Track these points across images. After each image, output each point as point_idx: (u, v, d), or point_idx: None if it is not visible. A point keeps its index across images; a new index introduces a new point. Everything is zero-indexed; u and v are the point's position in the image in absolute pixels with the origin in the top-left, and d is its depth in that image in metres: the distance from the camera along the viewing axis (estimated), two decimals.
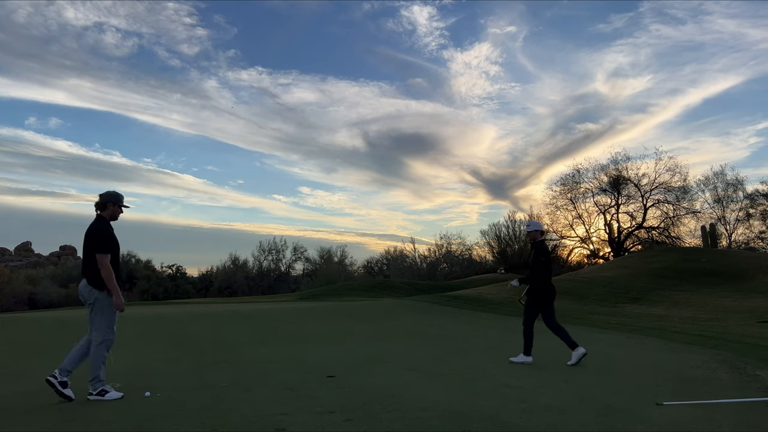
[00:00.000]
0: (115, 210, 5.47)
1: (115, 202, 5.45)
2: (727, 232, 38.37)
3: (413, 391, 5.43)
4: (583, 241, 41.91)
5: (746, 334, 10.01)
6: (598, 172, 40.34)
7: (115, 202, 5.45)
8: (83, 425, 4.26)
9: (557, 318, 7.43)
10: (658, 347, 8.82)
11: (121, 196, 5.53)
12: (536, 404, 4.88)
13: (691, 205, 38.22)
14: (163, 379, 6.00)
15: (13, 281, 33.50)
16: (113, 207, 5.44)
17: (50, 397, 5.15)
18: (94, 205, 5.45)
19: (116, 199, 5.47)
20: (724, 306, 15.30)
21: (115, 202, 5.45)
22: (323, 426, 4.20)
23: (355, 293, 26.43)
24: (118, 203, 5.48)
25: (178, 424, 4.28)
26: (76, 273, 39.72)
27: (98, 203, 5.43)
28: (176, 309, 18.06)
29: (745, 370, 6.65)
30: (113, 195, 5.47)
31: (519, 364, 7.17)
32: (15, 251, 68.85)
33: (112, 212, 5.45)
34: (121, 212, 5.53)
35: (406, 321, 13.09)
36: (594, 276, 22.92)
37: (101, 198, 5.44)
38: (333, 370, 6.68)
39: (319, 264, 44.84)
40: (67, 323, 13.21)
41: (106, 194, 5.46)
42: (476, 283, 27.91)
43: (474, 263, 43.87)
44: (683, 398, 5.08)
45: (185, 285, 41.84)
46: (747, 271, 21.66)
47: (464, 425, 4.20)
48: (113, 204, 5.44)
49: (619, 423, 4.27)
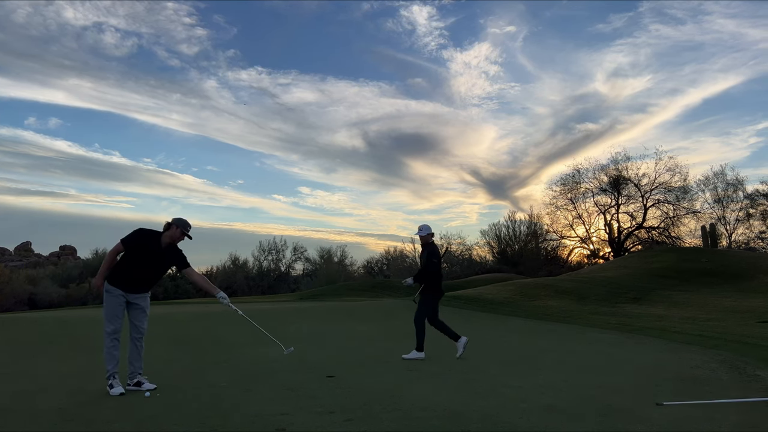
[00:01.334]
0: (175, 232, 5.66)
1: (177, 225, 5.67)
2: (727, 232, 38.40)
3: (413, 391, 5.43)
4: (583, 241, 41.99)
5: (746, 334, 10.01)
6: (598, 172, 40.45)
7: (177, 226, 5.67)
8: (83, 425, 4.26)
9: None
10: (658, 347, 8.82)
11: (187, 222, 5.75)
12: (536, 404, 4.88)
13: (691, 205, 38.31)
14: (163, 379, 5.99)
15: (13, 281, 33.52)
16: (174, 229, 5.65)
17: (50, 397, 5.16)
18: None
19: (179, 223, 5.68)
20: (724, 306, 15.30)
21: (177, 226, 5.67)
22: (323, 426, 4.20)
23: (355, 293, 26.43)
24: (182, 228, 5.67)
25: (178, 424, 4.28)
26: (76, 273, 39.77)
27: (165, 224, 5.73)
28: (176, 309, 18.06)
29: (745, 370, 6.65)
30: (179, 219, 5.73)
31: (417, 359, 7.48)
32: (15, 251, 68.86)
33: (172, 233, 5.66)
34: (182, 238, 5.71)
35: (406, 321, 13.07)
36: (594, 276, 22.93)
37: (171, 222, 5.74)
38: (333, 370, 6.68)
39: (319, 264, 44.86)
40: (67, 323, 13.21)
41: (175, 219, 5.74)
42: (476, 283, 27.91)
43: (474, 263, 43.86)
44: (683, 398, 5.08)
45: (185, 285, 41.74)
46: (747, 271, 21.67)
47: (464, 425, 4.20)
48: (176, 226, 5.66)
49: (619, 423, 4.27)
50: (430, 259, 7.69)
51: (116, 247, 5.51)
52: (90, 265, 40.71)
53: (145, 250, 5.53)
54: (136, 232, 5.58)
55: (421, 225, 7.91)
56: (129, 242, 5.52)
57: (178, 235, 5.65)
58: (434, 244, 7.98)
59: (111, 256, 5.51)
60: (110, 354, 5.40)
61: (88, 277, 36.96)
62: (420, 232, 7.91)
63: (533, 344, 9.11)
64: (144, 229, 5.63)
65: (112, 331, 5.41)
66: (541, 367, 6.98)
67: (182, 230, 5.65)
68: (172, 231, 5.63)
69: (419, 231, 7.93)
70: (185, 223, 5.70)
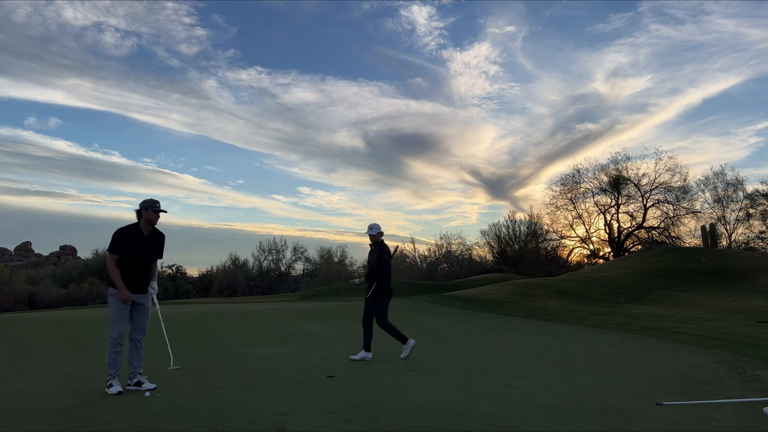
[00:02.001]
0: (149, 215, 5.63)
1: (147, 207, 5.63)
2: (727, 232, 38.37)
3: (413, 391, 5.43)
4: (583, 241, 41.97)
5: (746, 334, 10.01)
6: (598, 172, 40.44)
7: (147, 208, 5.62)
8: (83, 425, 4.26)
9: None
10: (658, 347, 8.81)
11: (154, 201, 5.68)
12: (536, 404, 4.88)
13: (691, 205, 38.29)
14: (163, 379, 6.00)
15: (13, 281, 33.47)
16: (146, 213, 5.62)
17: (50, 397, 5.16)
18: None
19: (147, 205, 5.64)
20: (724, 306, 15.30)
21: (147, 208, 5.62)
22: (323, 426, 4.20)
23: (355, 293, 26.41)
24: (152, 208, 5.63)
25: (178, 424, 4.28)
26: (76, 273, 39.74)
27: (136, 213, 5.69)
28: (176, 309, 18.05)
29: (745, 370, 6.65)
30: (144, 202, 5.67)
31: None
32: (15, 251, 68.88)
33: (147, 217, 5.64)
34: (158, 216, 5.69)
35: (406, 321, 13.08)
36: (594, 276, 22.92)
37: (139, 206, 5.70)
38: (333, 370, 6.68)
39: (319, 264, 44.81)
40: (67, 323, 13.21)
41: (142, 203, 5.68)
42: (476, 283, 27.91)
43: (474, 263, 43.81)
44: (683, 398, 5.08)
45: (185, 285, 41.83)
46: (747, 271, 21.67)
47: (464, 425, 4.20)
48: (146, 210, 5.62)
49: (619, 423, 4.27)
50: (382, 257, 7.67)
51: (111, 259, 5.51)
52: (90, 265, 40.70)
53: (134, 246, 5.56)
54: (116, 235, 5.55)
55: (371, 224, 7.90)
56: (117, 247, 5.52)
57: (152, 215, 5.64)
58: (384, 243, 7.94)
59: (114, 267, 5.51)
60: (113, 360, 5.43)
61: (88, 277, 36.96)
62: (370, 231, 7.90)
63: (533, 344, 9.10)
64: (121, 229, 5.61)
65: (117, 336, 5.46)
66: (541, 367, 6.98)
67: (152, 209, 5.63)
68: (146, 216, 5.63)
69: (369, 230, 7.91)
70: (152, 203, 5.65)
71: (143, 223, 5.64)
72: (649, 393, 5.33)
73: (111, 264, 5.51)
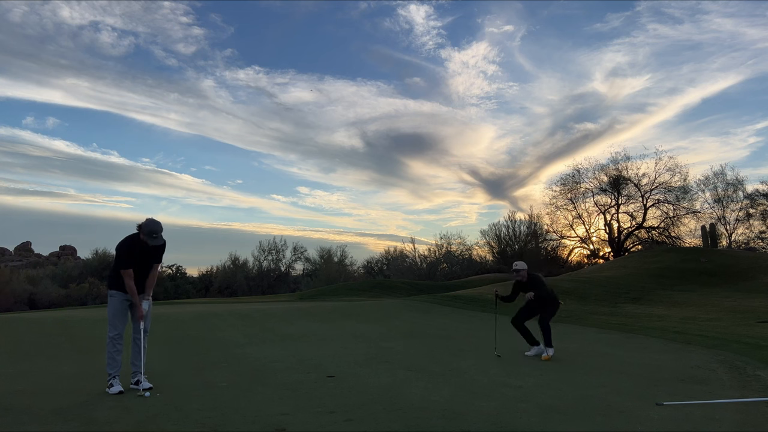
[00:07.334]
0: (145, 239, 5.59)
1: (146, 234, 5.57)
2: (727, 232, 38.37)
3: (413, 391, 5.43)
4: (583, 241, 41.98)
5: (746, 334, 10.01)
6: (597, 172, 40.42)
7: (146, 234, 5.57)
8: (83, 425, 4.26)
9: None
10: (658, 347, 8.81)
11: (153, 231, 5.57)
12: (536, 404, 4.88)
13: (691, 205, 38.28)
14: (163, 379, 6.00)
15: (13, 281, 33.48)
16: (143, 236, 5.59)
17: (50, 397, 5.16)
18: None
19: (146, 232, 5.57)
20: (724, 306, 15.31)
21: (146, 234, 5.57)
22: (323, 426, 4.20)
23: (355, 293, 26.41)
24: (148, 237, 5.56)
25: (178, 424, 4.28)
26: (76, 273, 39.73)
27: (137, 227, 5.69)
28: (176, 309, 18.05)
29: (745, 370, 6.65)
30: (146, 227, 5.58)
31: None
32: (15, 251, 68.91)
33: (143, 238, 5.62)
34: (151, 245, 5.62)
35: (406, 321, 13.08)
36: (594, 276, 22.93)
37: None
38: (333, 370, 6.68)
39: (318, 264, 44.82)
40: (67, 323, 13.20)
41: (143, 224, 5.64)
42: (476, 283, 27.92)
43: (474, 263, 43.83)
44: (683, 398, 5.08)
45: (185, 285, 41.80)
46: (747, 271, 21.69)
47: (464, 425, 4.20)
48: (143, 234, 5.58)
49: (620, 423, 4.27)
50: (544, 286, 8.10)
51: (127, 276, 5.51)
52: (90, 265, 40.68)
53: (137, 256, 5.60)
54: (123, 250, 5.53)
55: (517, 262, 8.39)
56: (127, 263, 5.52)
57: (147, 240, 5.61)
58: (534, 275, 8.35)
59: (129, 278, 5.52)
60: (112, 358, 5.46)
61: (88, 277, 36.96)
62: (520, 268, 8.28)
63: None
64: (124, 242, 5.60)
65: (115, 335, 5.51)
66: (541, 367, 6.98)
67: (149, 238, 5.58)
68: (142, 236, 5.60)
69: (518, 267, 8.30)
70: (150, 232, 5.56)
71: (142, 237, 5.65)
72: (649, 393, 5.33)
73: (126, 276, 5.49)
